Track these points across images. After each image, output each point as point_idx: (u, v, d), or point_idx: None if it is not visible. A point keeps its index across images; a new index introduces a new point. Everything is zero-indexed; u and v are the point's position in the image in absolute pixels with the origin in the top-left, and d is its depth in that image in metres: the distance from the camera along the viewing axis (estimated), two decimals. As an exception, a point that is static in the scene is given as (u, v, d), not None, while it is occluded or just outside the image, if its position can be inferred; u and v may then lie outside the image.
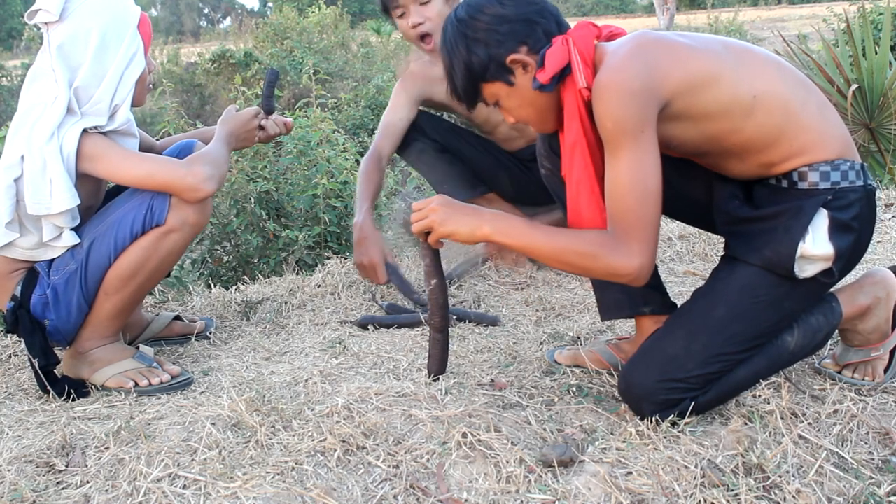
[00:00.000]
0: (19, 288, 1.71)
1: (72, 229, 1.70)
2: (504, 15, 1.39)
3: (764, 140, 1.40)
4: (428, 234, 1.51)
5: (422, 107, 2.39)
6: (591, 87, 1.37)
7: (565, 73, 1.39)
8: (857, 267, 2.29)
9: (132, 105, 1.75)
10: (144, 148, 1.91)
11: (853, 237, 1.41)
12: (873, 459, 1.37)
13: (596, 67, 1.39)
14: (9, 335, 2.06)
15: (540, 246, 1.41)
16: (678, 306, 1.59)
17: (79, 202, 1.65)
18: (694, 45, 1.40)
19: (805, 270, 1.41)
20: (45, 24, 1.67)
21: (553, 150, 1.61)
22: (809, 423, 1.45)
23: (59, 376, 1.75)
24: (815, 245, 1.39)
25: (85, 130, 1.65)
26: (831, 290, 1.58)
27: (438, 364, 1.69)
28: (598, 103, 1.35)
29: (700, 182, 1.58)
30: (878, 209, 3.07)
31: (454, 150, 2.36)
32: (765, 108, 1.38)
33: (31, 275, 1.72)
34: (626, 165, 1.33)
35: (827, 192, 1.40)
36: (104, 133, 1.69)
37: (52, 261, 1.71)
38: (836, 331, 1.61)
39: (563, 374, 1.71)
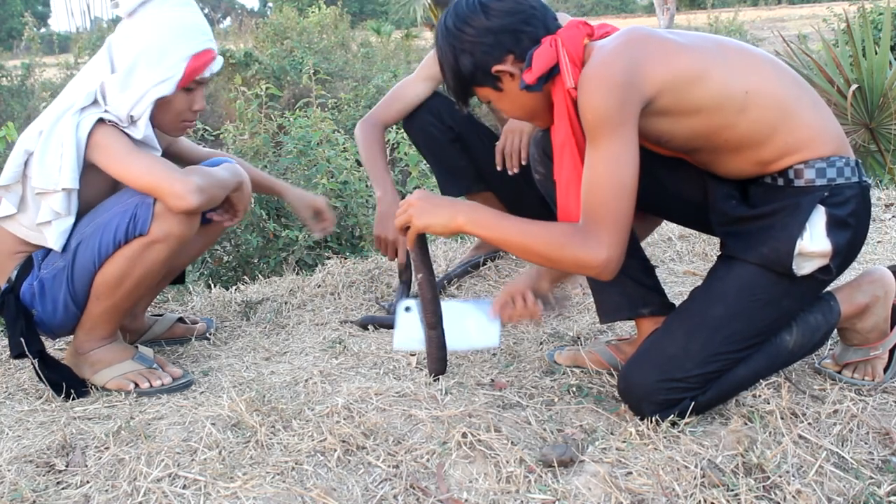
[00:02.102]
0: (15, 273, 1.72)
1: (66, 228, 1.70)
2: (489, 27, 1.40)
3: (758, 136, 1.40)
4: (409, 229, 1.54)
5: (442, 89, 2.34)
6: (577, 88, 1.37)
7: (554, 72, 1.40)
8: (856, 266, 2.29)
9: (161, 130, 1.78)
10: (188, 161, 1.95)
11: (850, 233, 1.42)
12: (873, 459, 1.37)
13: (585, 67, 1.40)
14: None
15: (511, 236, 1.42)
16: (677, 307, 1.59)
17: (77, 187, 1.65)
18: (683, 42, 1.40)
19: (803, 268, 1.41)
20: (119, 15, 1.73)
21: (546, 155, 1.62)
22: (809, 423, 1.45)
23: (53, 363, 1.73)
24: (813, 242, 1.39)
25: (101, 119, 1.66)
26: (830, 289, 1.59)
27: (438, 363, 1.68)
28: (581, 95, 1.35)
29: (694, 183, 1.58)
30: (878, 209, 3.07)
31: (465, 141, 2.33)
32: (758, 105, 1.39)
33: (29, 262, 1.72)
34: (603, 158, 1.34)
35: (823, 189, 1.40)
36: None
37: (46, 253, 1.72)
38: (836, 330, 1.61)
39: (563, 374, 1.71)
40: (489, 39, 1.41)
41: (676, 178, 1.58)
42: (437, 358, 1.68)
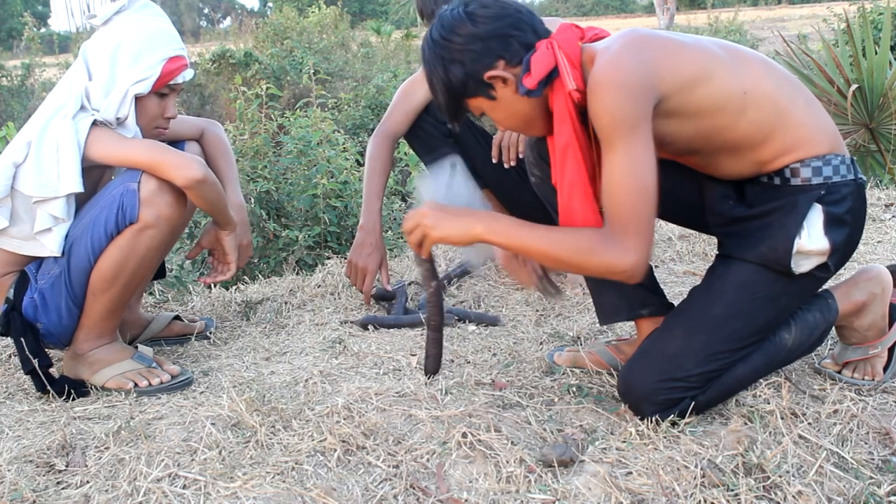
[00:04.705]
0: (12, 290, 1.72)
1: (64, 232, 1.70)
2: (477, 34, 1.38)
3: (756, 137, 1.40)
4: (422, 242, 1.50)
5: None
6: (581, 88, 1.36)
7: (552, 76, 1.38)
8: (857, 267, 2.29)
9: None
10: None
11: (848, 230, 1.42)
12: (873, 459, 1.37)
13: (584, 69, 1.38)
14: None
15: (534, 244, 1.39)
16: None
17: (83, 190, 1.66)
18: (685, 42, 1.40)
19: (801, 266, 1.42)
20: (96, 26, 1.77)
21: (542, 158, 1.61)
22: (809, 423, 1.45)
23: (57, 377, 1.74)
24: (811, 240, 1.40)
25: (95, 122, 1.68)
26: (827, 287, 1.59)
27: (435, 362, 1.69)
28: (594, 99, 1.34)
29: (690, 183, 1.58)
30: (878, 209, 3.07)
31: (460, 139, 2.33)
32: (755, 105, 1.39)
33: (24, 277, 1.72)
34: (622, 161, 1.32)
35: (820, 187, 1.40)
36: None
37: (39, 264, 1.72)
38: (835, 330, 1.61)
39: (563, 374, 1.72)
40: (478, 46, 1.38)
41: (672, 180, 1.58)
42: (437, 358, 1.69)
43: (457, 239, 1.44)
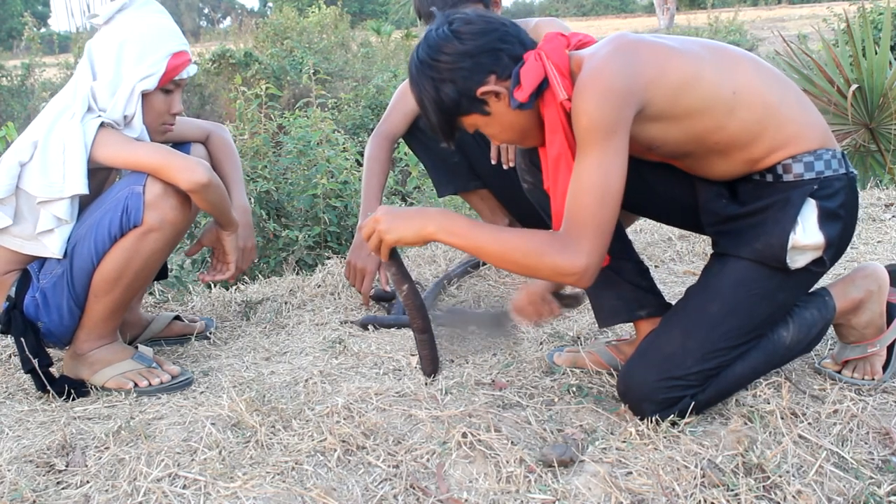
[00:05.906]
0: (14, 289, 1.72)
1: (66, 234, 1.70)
2: (465, 51, 1.37)
3: (746, 136, 1.40)
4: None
5: None
6: (572, 97, 1.36)
7: (542, 87, 1.38)
8: (854, 266, 2.29)
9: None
10: None
11: (841, 224, 1.43)
12: (873, 459, 1.37)
13: (574, 76, 1.38)
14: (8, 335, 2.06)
15: (485, 244, 1.39)
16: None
17: (88, 192, 1.66)
18: (672, 46, 1.40)
19: (797, 261, 1.42)
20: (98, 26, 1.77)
21: (534, 165, 1.61)
22: (809, 423, 1.45)
23: (57, 377, 1.75)
24: (806, 235, 1.40)
25: (103, 124, 1.69)
26: (824, 285, 1.59)
27: (431, 363, 1.69)
28: (577, 100, 1.33)
29: (683, 184, 1.57)
30: (878, 209, 3.07)
31: (458, 140, 2.32)
32: (745, 104, 1.39)
33: (26, 276, 1.72)
34: (592, 164, 1.32)
35: (812, 182, 1.41)
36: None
37: (42, 264, 1.72)
38: (834, 329, 1.61)
39: (563, 374, 1.72)
40: (468, 63, 1.37)
41: (664, 180, 1.58)
42: (431, 359, 1.69)
43: (411, 240, 1.44)
